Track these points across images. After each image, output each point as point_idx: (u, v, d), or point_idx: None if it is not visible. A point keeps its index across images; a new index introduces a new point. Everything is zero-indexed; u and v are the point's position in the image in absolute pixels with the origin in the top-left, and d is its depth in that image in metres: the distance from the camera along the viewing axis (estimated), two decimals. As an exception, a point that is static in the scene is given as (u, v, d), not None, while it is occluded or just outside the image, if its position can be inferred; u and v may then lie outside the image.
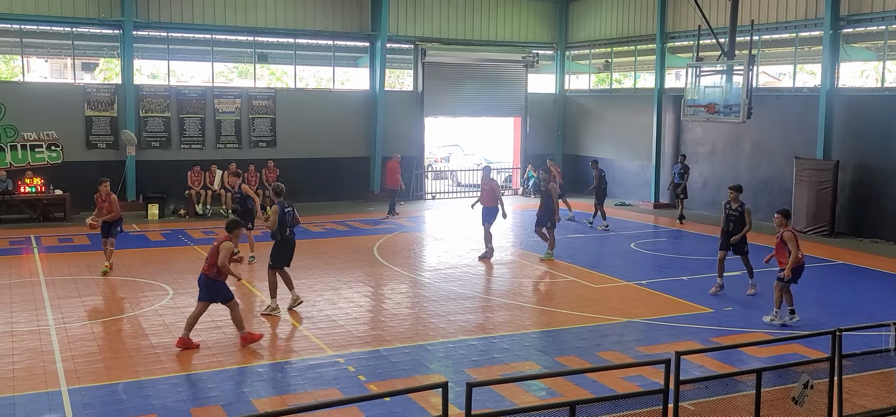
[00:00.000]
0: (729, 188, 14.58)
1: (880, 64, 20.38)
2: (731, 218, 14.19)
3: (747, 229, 14.08)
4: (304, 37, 25.63)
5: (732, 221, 14.16)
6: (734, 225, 14.14)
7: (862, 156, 20.10)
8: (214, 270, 10.76)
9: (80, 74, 24.71)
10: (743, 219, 14.06)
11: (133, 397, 9.05)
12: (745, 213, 14.08)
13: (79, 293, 13.65)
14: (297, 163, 25.15)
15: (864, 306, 13.46)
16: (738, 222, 14.11)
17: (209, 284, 10.84)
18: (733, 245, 14.10)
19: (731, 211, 14.24)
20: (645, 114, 26.38)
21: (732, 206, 14.21)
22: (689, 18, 24.44)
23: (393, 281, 15.27)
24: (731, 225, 14.17)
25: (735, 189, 14.39)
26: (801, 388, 7.48)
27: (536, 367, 10.34)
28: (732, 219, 14.17)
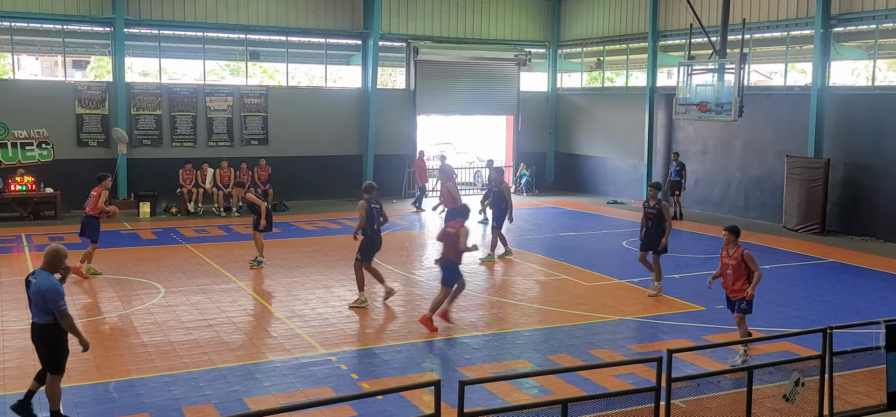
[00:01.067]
0: (648, 185, 14.13)
1: (871, 62, 20.47)
2: (650, 216, 13.73)
3: (669, 229, 13.58)
4: (296, 35, 25.58)
5: (651, 219, 13.71)
6: (653, 223, 13.67)
7: (853, 155, 20.19)
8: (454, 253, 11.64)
9: (71, 72, 24.59)
10: (662, 217, 13.60)
11: (124, 396, 9.02)
12: (663, 211, 13.61)
13: (70, 292, 13.57)
14: (290, 160, 25.10)
15: (855, 304, 13.53)
16: (657, 220, 13.64)
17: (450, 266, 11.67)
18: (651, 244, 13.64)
19: (649, 208, 13.76)
20: (637, 112, 26.44)
21: (650, 204, 13.74)
22: (680, 17, 24.49)
23: (386, 279, 15.23)
24: (650, 224, 13.72)
25: (653, 187, 13.91)
26: (792, 385, 7.51)
27: (529, 365, 10.36)
28: (651, 217, 13.71)
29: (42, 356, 8.09)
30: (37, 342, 8.06)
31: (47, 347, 7.99)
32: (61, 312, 7.81)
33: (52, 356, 8.01)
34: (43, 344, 8.01)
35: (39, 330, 7.97)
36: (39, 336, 8.00)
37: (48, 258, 8.00)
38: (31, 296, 7.95)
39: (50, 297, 7.76)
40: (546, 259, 16.93)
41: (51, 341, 7.96)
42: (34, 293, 7.88)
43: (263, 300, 13.32)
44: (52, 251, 8.04)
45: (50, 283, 7.83)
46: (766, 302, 13.55)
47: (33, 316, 8.01)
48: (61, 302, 7.81)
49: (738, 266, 10.37)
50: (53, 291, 7.79)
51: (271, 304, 13.05)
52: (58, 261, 8.02)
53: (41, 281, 7.85)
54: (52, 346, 7.98)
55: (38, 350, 8.11)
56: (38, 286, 7.83)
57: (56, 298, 7.77)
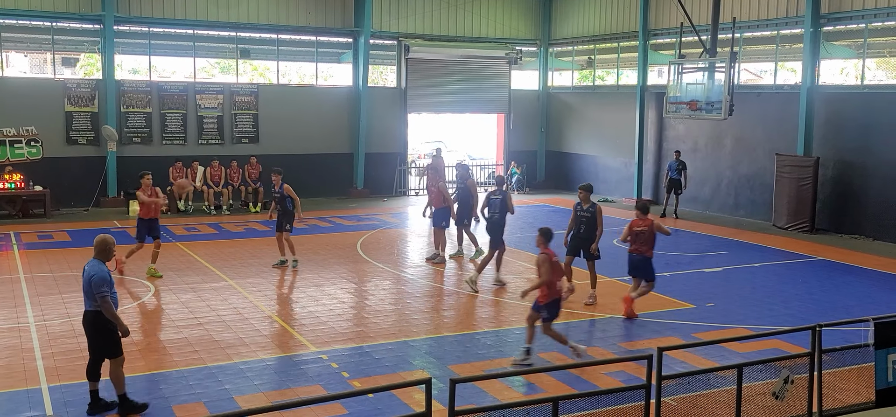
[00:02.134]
0: (579, 188, 13.47)
1: (860, 61, 20.57)
2: (582, 220, 13.17)
3: (600, 233, 13.08)
4: (286, 32, 25.52)
5: (583, 224, 13.16)
6: (585, 227, 13.13)
7: (842, 153, 20.29)
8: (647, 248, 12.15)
9: (60, 69, 24.46)
10: (595, 221, 13.07)
11: (114, 394, 8.97)
12: (597, 215, 13.07)
13: (59, 290, 13.53)
14: (280, 159, 24.90)
15: (844, 302, 13.59)
16: (589, 224, 13.11)
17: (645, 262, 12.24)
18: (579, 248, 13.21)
19: (582, 212, 13.20)
20: (627, 110, 26.49)
21: (583, 207, 13.20)
22: (671, 16, 24.56)
23: (376, 277, 15.25)
24: (582, 228, 13.16)
25: (585, 189, 13.31)
26: (781, 383, 7.55)
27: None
28: (583, 221, 13.17)
29: (96, 344, 8.35)
30: (88, 328, 8.36)
31: (98, 334, 8.26)
32: (102, 298, 8.08)
33: (105, 342, 8.29)
34: (93, 329, 8.30)
35: (90, 317, 8.26)
36: (90, 323, 8.29)
37: (98, 247, 8.36)
38: (83, 285, 8.27)
39: (95, 283, 8.06)
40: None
41: (101, 327, 8.24)
42: (84, 280, 8.20)
43: (254, 298, 13.29)
44: (100, 240, 8.38)
45: (97, 270, 8.13)
46: (755, 300, 13.62)
47: (85, 303, 8.31)
48: (104, 289, 8.08)
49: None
50: (99, 278, 8.08)
51: (262, 302, 13.02)
52: (106, 250, 8.35)
53: (90, 268, 8.18)
54: (103, 333, 8.25)
55: (89, 336, 8.40)
56: (87, 273, 8.16)
57: (100, 284, 8.06)
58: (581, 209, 13.25)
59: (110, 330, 8.29)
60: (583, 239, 13.21)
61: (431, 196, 17.04)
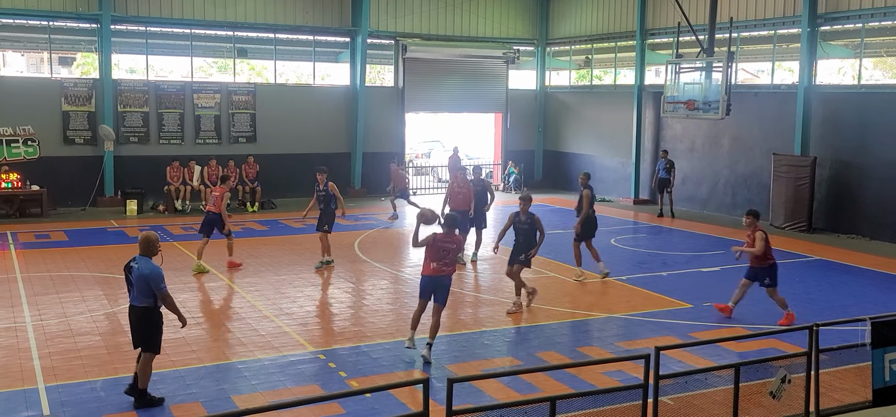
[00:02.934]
0: (519, 197, 13.00)
1: (857, 61, 20.60)
2: (521, 231, 12.79)
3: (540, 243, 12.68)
4: (284, 32, 25.50)
5: (522, 234, 12.79)
6: (524, 238, 12.75)
7: (839, 153, 20.31)
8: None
9: (57, 68, 24.41)
10: (534, 231, 12.69)
11: (111, 394, 8.98)
12: (536, 224, 12.68)
13: (56, 290, 13.52)
14: (278, 158, 25.03)
15: (841, 301, 13.62)
16: (528, 235, 12.73)
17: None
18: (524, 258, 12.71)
19: (520, 223, 12.80)
20: (625, 110, 26.51)
21: (521, 218, 12.80)
22: (668, 15, 24.57)
23: (374, 276, 15.25)
24: (520, 239, 12.78)
25: (524, 199, 12.87)
26: (778, 382, 7.55)
27: (517, 363, 10.38)
28: (522, 232, 12.79)
29: (140, 335, 8.67)
30: (135, 322, 8.67)
31: (145, 327, 8.60)
32: (163, 294, 8.49)
33: (150, 335, 8.64)
34: (141, 324, 8.61)
35: (139, 312, 8.58)
36: (138, 317, 8.61)
37: (144, 244, 8.61)
38: (132, 281, 8.51)
39: (153, 281, 8.41)
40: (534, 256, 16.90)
41: (149, 321, 8.59)
42: (136, 278, 8.45)
43: (251, 297, 13.28)
44: (145, 237, 8.65)
45: (152, 268, 8.45)
46: (753, 300, 13.63)
47: (133, 299, 8.60)
48: (163, 285, 8.49)
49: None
50: (156, 275, 8.43)
51: (259, 302, 13.01)
52: (152, 245, 8.61)
53: (143, 266, 8.46)
54: (150, 326, 8.60)
55: (136, 330, 8.70)
56: (140, 271, 8.43)
57: (158, 281, 8.43)
58: (519, 220, 12.82)
59: (156, 325, 8.65)
60: (522, 249, 12.73)
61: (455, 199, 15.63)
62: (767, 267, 12.26)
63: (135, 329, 8.73)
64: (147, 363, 8.66)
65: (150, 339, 8.66)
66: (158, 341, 8.73)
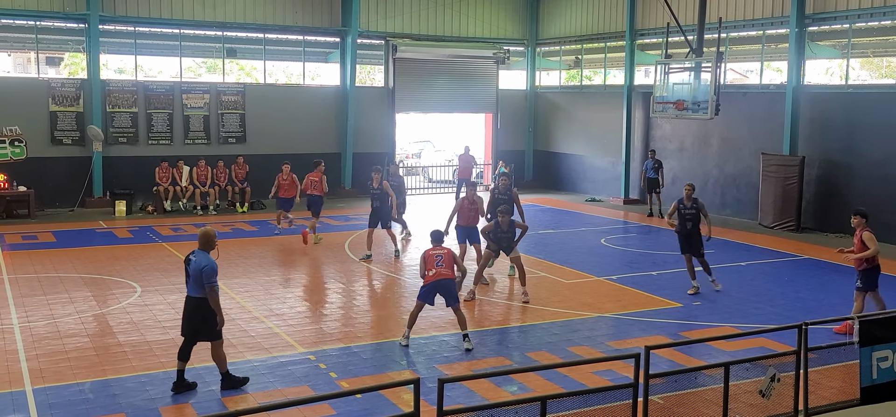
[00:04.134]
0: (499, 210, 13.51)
1: (844, 61, 20.72)
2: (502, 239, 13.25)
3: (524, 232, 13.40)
4: (273, 32, 25.43)
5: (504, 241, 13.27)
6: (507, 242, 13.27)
7: (827, 153, 20.42)
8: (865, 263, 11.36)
9: (45, 68, 24.27)
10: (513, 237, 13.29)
11: (100, 396, 8.93)
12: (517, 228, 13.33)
13: (43, 291, 13.44)
14: (268, 158, 24.91)
15: (829, 300, 13.68)
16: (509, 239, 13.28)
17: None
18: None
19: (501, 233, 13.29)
20: (615, 110, 26.57)
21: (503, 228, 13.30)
22: (658, 16, 24.64)
23: (364, 277, 15.23)
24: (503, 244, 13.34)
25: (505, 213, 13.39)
26: (767, 381, 7.59)
27: (508, 363, 10.38)
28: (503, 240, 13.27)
29: (197, 325, 9.03)
30: (192, 312, 9.05)
31: (201, 317, 8.98)
32: (211, 288, 8.87)
33: (206, 325, 9.01)
34: (197, 313, 8.99)
35: (195, 302, 8.99)
36: (195, 307, 9.00)
37: (203, 239, 9.08)
38: (190, 273, 8.95)
39: (206, 274, 8.82)
40: (525, 256, 16.89)
41: (204, 311, 8.96)
42: (193, 270, 8.89)
43: (241, 299, 13.24)
44: (204, 233, 9.14)
45: (208, 261, 8.89)
46: (741, 299, 13.69)
47: (190, 290, 9.02)
48: (213, 280, 8.89)
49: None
50: (210, 269, 8.86)
51: (249, 303, 12.97)
52: (211, 240, 9.09)
53: (200, 259, 8.90)
54: (205, 316, 8.97)
55: (192, 321, 9.05)
56: (197, 264, 8.88)
57: (210, 275, 8.85)
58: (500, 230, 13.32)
59: (212, 314, 8.98)
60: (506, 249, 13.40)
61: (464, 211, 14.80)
62: (868, 270, 11.41)
63: (189, 317, 9.09)
64: (217, 350, 9.11)
65: (208, 329, 9.04)
66: (215, 328, 9.07)
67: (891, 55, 20.04)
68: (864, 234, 11.45)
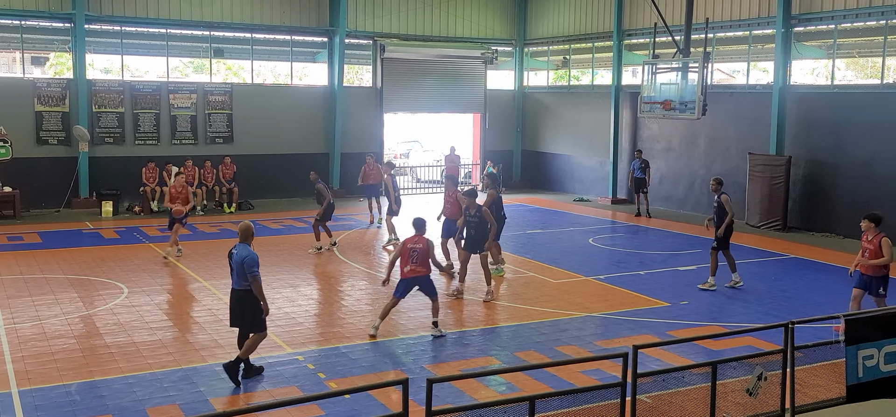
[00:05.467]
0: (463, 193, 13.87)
1: (830, 62, 20.85)
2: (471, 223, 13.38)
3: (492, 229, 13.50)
4: (260, 31, 25.35)
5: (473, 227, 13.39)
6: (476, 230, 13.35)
7: (813, 152, 20.55)
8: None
9: (30, 68, 24.08)
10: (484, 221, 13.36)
11: (87, 398, 8.88)
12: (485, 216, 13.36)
13: (29, 292, 13.34)
14: (255, 159, 24.89)
15: (816, 299, 13.77)
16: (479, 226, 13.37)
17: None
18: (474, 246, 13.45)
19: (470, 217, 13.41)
20: (602, 110, 26.64)
21: (470, 212, 13.46)
22: (645, 16, 24.72)
23: (352, 277, 15.21)
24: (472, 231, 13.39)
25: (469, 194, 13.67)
26: (755, 380, 7.62)
27: (496, 362, 10.39)
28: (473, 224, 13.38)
29: (243, 317, 9.41)
30: (237, 304, 9.39)
31: (247, 309, 9.32)
32: (254, 278, 9.17)
33: (253, 317, 9.35)
34: (243, 305, 9.33)
35: (240, 294, 9.33)
36: (240, 299, 9.34)
37: (243, 233, 9.44)
38: (233, 266, 9.28)
39: (248, 265, 9.14)
40: (513, 256, 16.97)
41: (249, 303, 9.28)
42: (236, 262, 9.21)
43: (228, 300, 13.17)
44: (244, 226, 9.50)
45: (248, 252, 9.23)
46: (729, 298, 13.76)
47: (234, 283, 9.35)
48: (256, 270, 9.19)
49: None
50: (251, 259, 9.18)
51: (237, 304, 12.91)
52: (251, 233, 9.49)
53: (241, 251, 9.24)
54: (251, 308, 9.30)
55: (237, 312, 9.43)
56: (239, 255, 9.20)
57: (252, 265, 9.16)
58: (469, 214, 13.54)
59: (258, 306, 9.29)
60: (474, 240, 13.49)
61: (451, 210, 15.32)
62: (885, 276, 11.30)
63: (235, 310, 9.43)
64: (255, 341, 9.43)
65: (254, 321, 9.36)
66: (262, 321, 9.40)
67: (876, 55, 20.18)
68: (882, 240, 11.26)
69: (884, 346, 8.02)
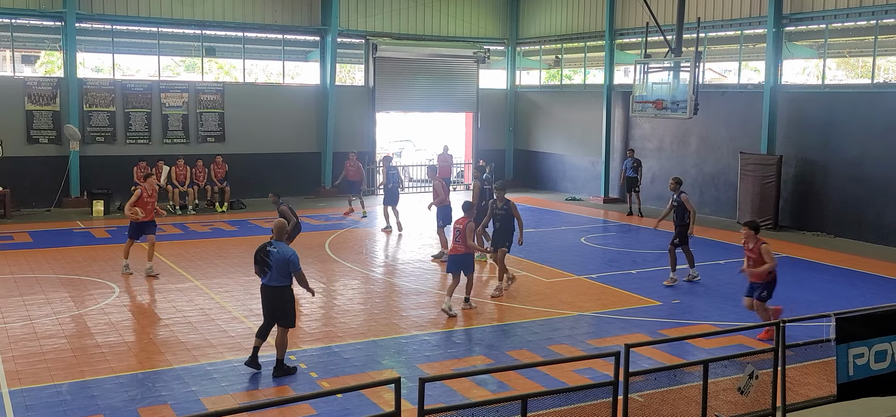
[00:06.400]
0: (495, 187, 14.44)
1: (821, 61, 20.94)
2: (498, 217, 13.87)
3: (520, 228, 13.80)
4: (252, 30, 25.29)
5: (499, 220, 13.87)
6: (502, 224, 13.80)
7: (804, 152, 20.63)
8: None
9: (20, 67, 23.99)
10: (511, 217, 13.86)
11: (78, 398, 8.84)
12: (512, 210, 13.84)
13: (20, 292, 13.28)
14: (247, 158, 24.83)
15: (806, 297, 13.82)
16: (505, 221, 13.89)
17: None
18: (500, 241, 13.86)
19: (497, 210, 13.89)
20: (594, 109, 26.68)
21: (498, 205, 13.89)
22: (637, 15, 24.77)
23: (345, 276, 15.19)
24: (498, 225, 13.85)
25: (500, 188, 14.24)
26: (746, 379, 7.65)
27: (489, 361, 10.40)
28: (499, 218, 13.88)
29: (277, 312, 9.64)
30: (271, 301, 9.64)
31: (282, 305, 9.60)
32: (298, 273, 9.59)
33: (286, 311, 9.64)
34: (277, 302, 9.59)
35: (275, 291, 9.57)
36: (274, 296, 9.58)
37: (279, 231, 9.76)
38: (271, 264, 9.46)
39: (293, 263, 9.48)
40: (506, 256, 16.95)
41: (284, 299, 9.61)
42: (276, 260, 9.43)
43: (220, 299, 13.16)
44: (280, 225, 9.87)
45: (289, 251, 9.58)
46: (721, 297, 13.81)
47: (269, 280, 9.54)
48: (299, 266, 9.59)
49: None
50: (295, 257, 9.54)
51: (228, 303, 12.90)
52: (285, 230, 9.91)
53: (283, 250, 9.53)
54: (286, 303, 9.62)
55: (270, 308, 9.67)
56: (281, 254, 9.47)
57: (296, 262, 9.54)
58: (496, 208, 13.93)
59: (291, 301, 9.67)
60: (500, 234, 13.85)
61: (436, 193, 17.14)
62: (769, 281, 11.41)
63: (268, 307, 9.68)
64: (284, 335, 9.63)
65: (286, 315, 9.62)
66: (293, 316, 9.76)
67: (866, 55, 20.28)
68: (762, 247, 11.41)
69: (874, 345, 8.06)
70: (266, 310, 9.77)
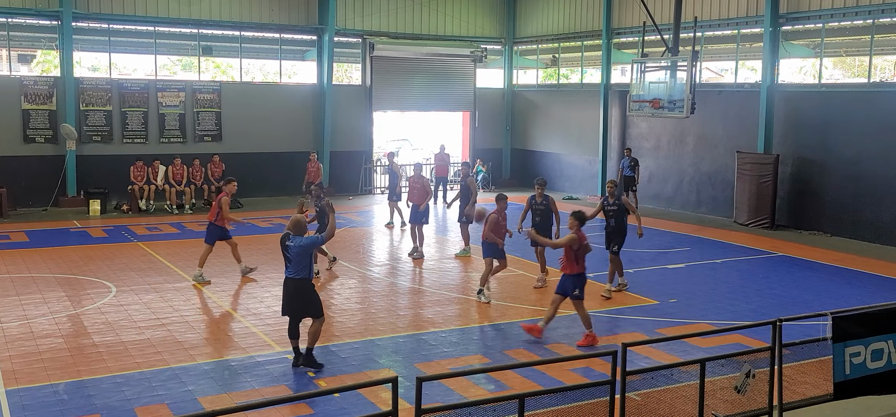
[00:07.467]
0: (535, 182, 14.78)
1: (817, 61, 20.97)
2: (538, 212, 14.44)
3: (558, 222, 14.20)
4: (249, 29, 25.26)
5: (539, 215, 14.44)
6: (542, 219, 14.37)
7: (801, 151, 20.65)
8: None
9: (17, 66, 23.95)
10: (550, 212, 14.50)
11: (74, 397, 8.83)
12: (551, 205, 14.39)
13: (17, 291, 13.26)
14: (244, 157, 24.80)
15: (803, 296, 13.84)
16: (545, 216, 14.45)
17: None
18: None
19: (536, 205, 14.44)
20: (591, 109, 26.69)
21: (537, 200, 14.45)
22: (634, 15, 24.78)
23: (342, 276, 15.18)
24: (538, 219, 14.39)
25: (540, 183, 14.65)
26: (743, 377, 7.66)
27: (486, 361, 10.40)
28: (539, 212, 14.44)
29: (301, 305, 9.72)
30: (293, 295, 9.68)
31: (304, 296, 9.68)
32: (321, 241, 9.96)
33: (310, 303, 9.73)
34: (300, 295, 9.66)
35: (295, 284, 9.64)
36: (295, 289, 9.64)
37: (297, 227, 9.71)
38: (290, 257, 9.53)
39: (315, 243, 9.75)
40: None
41: (306, 292, 9.69)
42: (294, 254, 9.48)
43: (218, 298, 13.15)
44: (297, 220, 9.81)
45: (306, 239, 9.65)
46: (717, 296, 13.82)
47: (290, 273, 9.62)
48: (319, 240, 9.88)
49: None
50: (311, 240, 9.71)
51: (226, 303, 12.88)
52: (303, 226, 9.83)
53: (299, 240, 9.56)
54: (308, 295, 9.71)
55: (296, 304, 9.71)
56: (299, 244, 9.50)
57: (317, 241, 9.83)
58: (535, 201, 14.48)
59: (313, 292, 9.77)
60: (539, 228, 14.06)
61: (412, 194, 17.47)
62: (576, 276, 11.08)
63: (292, 299, 9.69)
64: (317, 327, 9.75)
65: (311, 306, 9.72)
66: (320, 305, 9.79)
67: (863, 54, 20.31)
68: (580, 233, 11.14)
69: (871, 344, 8.06)
70: (292, 306, 9.76)
